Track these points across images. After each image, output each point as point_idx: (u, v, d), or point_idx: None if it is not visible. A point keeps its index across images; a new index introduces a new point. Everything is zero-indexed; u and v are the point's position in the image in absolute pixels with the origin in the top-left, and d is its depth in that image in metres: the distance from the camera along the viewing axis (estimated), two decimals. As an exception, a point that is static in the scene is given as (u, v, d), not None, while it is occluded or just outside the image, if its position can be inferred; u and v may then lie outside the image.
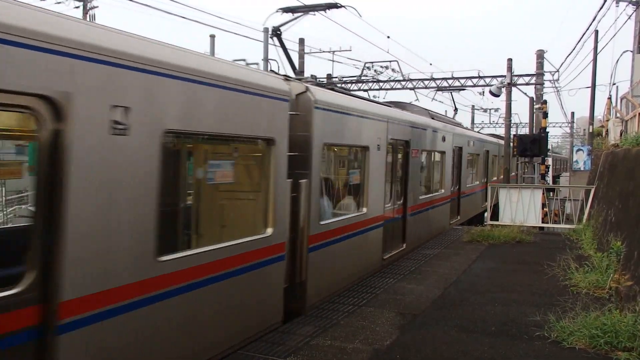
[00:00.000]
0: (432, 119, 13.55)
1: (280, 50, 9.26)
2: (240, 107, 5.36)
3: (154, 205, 4.22)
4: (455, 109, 23.51)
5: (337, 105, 7.45)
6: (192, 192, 6.48)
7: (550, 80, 22.74)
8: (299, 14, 9.89)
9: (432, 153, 13.15)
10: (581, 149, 31.03)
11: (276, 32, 9.30)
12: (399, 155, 10.35)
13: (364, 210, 8.48)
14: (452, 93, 23.94)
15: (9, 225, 10.49)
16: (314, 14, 10.48)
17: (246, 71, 5.95)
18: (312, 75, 14.66)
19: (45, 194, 3.45)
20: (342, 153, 8.71)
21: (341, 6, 10.34)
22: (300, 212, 6.48)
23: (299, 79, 7.51)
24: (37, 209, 3.47)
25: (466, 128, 20.44)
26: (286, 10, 10.00)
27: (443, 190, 13.78)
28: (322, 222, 7.05)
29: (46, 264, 3.45)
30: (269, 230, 5.91)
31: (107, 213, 3.81)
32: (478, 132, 29.12)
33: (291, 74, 8.66)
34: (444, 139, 13.49)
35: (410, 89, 24.88)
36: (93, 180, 3.69)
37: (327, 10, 10.47)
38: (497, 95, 22.67)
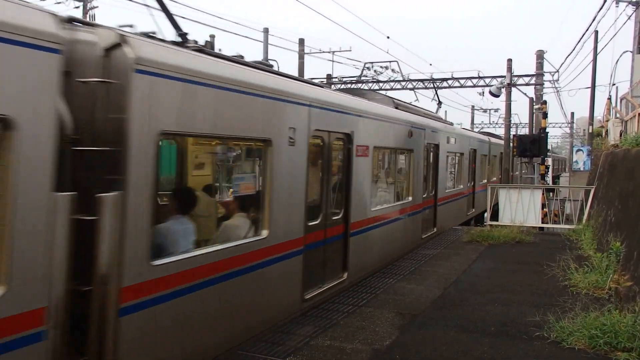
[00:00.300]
0: (396, 108, 11.09)
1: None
2: None
3: None
4: (439, 103, 20.17)
5: (187, 70, 4.61)
6: None
7: (550, 81, 22.82)
8: None
9: (394, 151, 10.58)
10: (581, 150, 31.04)
11: None
12: (334, 154, 7.64)
13: (264, 234, 5.78)
14: (436, 86, 22.35)
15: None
16: None
17: None
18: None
19: None
20: (212, 149, 6.21)
21: None
22: (100, 247, 3.88)
23: (113, 29, 4.20)
24: None
25: (449, 123, 17.34)
26: None
27: (411, 198, 10.94)
28: (155, 262, 4.32)
29: None
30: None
31: None
32: (479, 132, 29.08)
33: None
34: (410, 134, 10.74)
35: (410, 89, 24.92)
36: None
37: None
38: (497, 96, 22.70)
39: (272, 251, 5.90)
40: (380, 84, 25.34)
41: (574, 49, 22.86)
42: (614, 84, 23.48)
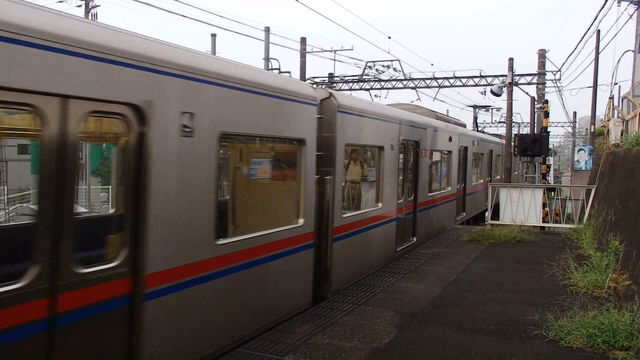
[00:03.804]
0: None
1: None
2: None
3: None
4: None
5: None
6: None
7: (552, 80, 22.70)
8: None
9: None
10: (582, 149, 31.01)
11: None
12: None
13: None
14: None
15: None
16: None
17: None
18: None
19: None
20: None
21: None
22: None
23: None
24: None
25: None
26: None
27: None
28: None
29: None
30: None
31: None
32: (481, 131, 29.01)
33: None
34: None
35: (412, 88, 24.91)
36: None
37: None
38: (498, 95, 22.67)
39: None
40: (382, 83, 25.33)
41: (575, 48, 22.77)
42: (615, 83, 23.48)
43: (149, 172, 4.28)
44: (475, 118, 25.01)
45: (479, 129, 31.48)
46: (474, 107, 28.17)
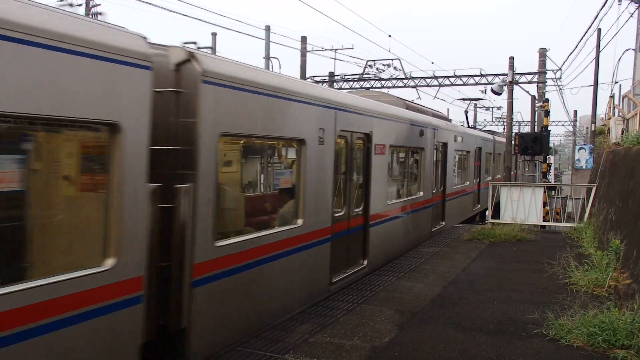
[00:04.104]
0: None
1: None
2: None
3: None
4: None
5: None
6: None
7: (552, 79, 22.69)
8: None
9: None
10: (583, 148, 30.99)
11: None
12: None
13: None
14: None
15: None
16: None
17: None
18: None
19: None
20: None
21: None
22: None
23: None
24: None
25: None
26: None
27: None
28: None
29: None
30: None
31: None
32: (481, 130, 28.94)
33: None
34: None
35: (412, 87, 24.90)
36: None
37: None
38: (499, 94, 22.65)
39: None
40: (383, 82, 25.32)
41: (576, 47, 22.78)
42: (616, 82, 23.44)
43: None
44: (466, 112, 24.37)
45: (477, 126, 31.37)
46: (462, 100, 27.73)
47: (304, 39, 25.03)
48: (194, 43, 5.97)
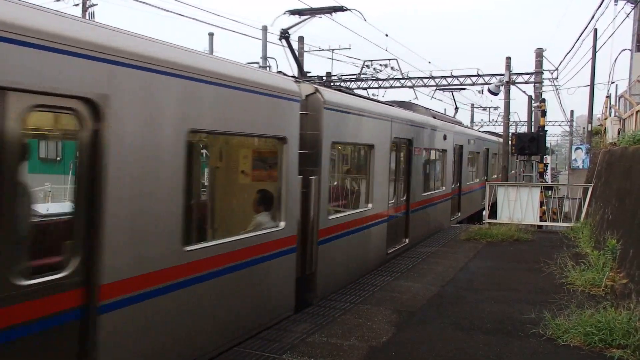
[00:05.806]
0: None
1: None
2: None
3: None
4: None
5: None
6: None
7: (549, 79, 22.74)
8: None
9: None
10: (580, 148, 31.06)
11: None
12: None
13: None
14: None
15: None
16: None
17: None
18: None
19: None
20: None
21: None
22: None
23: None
24: None
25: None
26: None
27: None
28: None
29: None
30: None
31: None
32: (478, 130, 28.98)
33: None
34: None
35: (410, 87, 24.90)
36: None
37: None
38: (495, 94, 22.67)
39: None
40: (380, 82, 25.32)
41: (573, 47, 22.85)
42: (613, 82, 23.51)
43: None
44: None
45: (476, 127, 31.43)
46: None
47: (301, 39, 25.03)
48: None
